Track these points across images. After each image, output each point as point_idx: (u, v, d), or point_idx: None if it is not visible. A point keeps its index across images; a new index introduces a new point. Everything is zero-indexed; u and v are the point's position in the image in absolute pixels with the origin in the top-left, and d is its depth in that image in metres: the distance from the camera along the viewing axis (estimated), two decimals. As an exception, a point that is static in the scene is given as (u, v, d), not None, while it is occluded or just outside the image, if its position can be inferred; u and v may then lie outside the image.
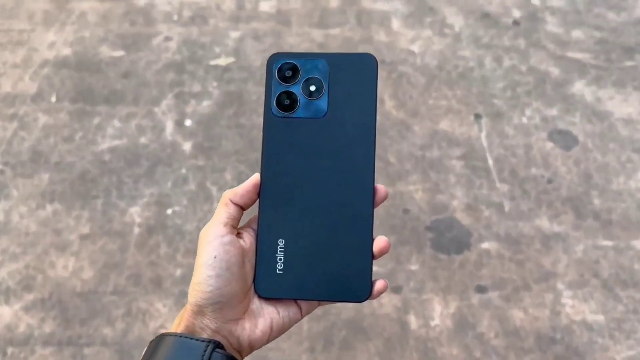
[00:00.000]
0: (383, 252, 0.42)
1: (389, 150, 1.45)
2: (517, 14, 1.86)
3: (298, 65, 0.44)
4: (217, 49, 1.75)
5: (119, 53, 1.73)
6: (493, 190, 1.36)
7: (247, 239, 0.43)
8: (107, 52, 1.74)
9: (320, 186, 0.43)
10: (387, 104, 1.57)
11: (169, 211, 1.32)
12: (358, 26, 1.84)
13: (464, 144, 1.46)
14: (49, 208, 1.34)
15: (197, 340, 0.38)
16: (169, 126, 1.52)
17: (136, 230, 1.29)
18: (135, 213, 1.32)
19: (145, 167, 1.42)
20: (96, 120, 1.53)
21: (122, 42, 1.77)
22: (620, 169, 1.40)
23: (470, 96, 1.59)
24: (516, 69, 1.67)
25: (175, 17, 1.86)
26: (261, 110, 1.34)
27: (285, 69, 0.44)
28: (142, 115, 1.54)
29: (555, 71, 1.66)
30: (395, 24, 1.83)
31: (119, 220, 1.31)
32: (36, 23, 1.84)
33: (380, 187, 0.43)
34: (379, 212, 1.32)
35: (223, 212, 0.42)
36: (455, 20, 1.84)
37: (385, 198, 0.44)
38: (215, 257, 0.39)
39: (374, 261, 0.43)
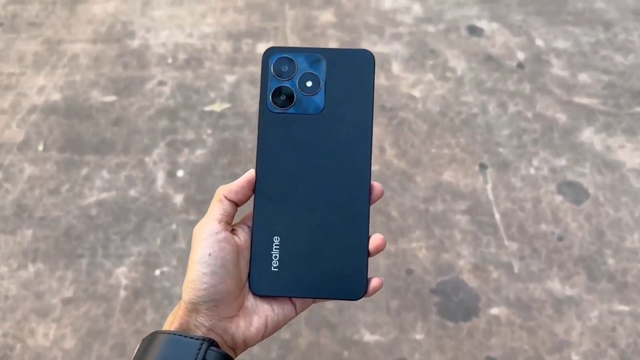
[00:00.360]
0: (379, 250, 0.42)
1: (390, 204, 1.38)
2: (521, 56, 1.81)
3: (294, 60, 0.43)
4: (212, 94, 1.69)
5: (111, 98, 1.67)
6: (501, 248, 1.29)
7: (242, 236, 0.42)
8: (98, 97, 1.68)
9: (316, 183, 0.42)
10: (387, 153, 1.51)
11: (157, 272, 1.25)
12: (357, 69, 1.78)
13: (469, 196, 1.40)
14: (31, 268, 1.26)
15: (192, 338, 0.37)
16: (160, 177, 1.45)
17: (122, 293, 1.21)
18: (122, 274, 1.24)
19: (133, 222, 1.35)
20: (84, 171, 1.46)
21: (114, 86, 1.71)
22: (635, 225, 1.33)
23: (474, 144, 1.53)
24: (522, 115, 1.61)
25: (170, 60, 1.81)
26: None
27: (281, 64, 0.43)
28: (133, 166, 1.48)
29: (562, 117, 1.60)
30: (396, 67, 1.78)
31: (104, 283, 1.23)
32: (26, 66, 1.79)
33: (376, 185, 0.43)
34: (381, 270, 1.24)
35: (217, 208, 0.41)
36: (458, 63, 1.79)
37: (381, 196, 0.43)
38: (209, 255, 0.39)
39: (369, 259, 0.42)
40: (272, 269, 0.42)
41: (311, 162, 0.43)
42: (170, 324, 0.40)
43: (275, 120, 0.43)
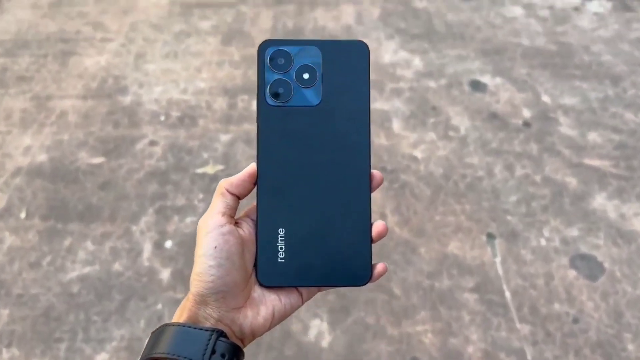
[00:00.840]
0: (381, 236, 0.43)
1: (393, 279, 1.29)
2: (527, 113, 1.75)
3: (290, 53, 0.43)
4: (205, 155, 1.62)
5: (99, 160, 1.60)
6: (513, 332, 1.19)
7: (246, 229, 0.43)
8: (86, 158, 1.60)
9: (318, 174, 0.43)
10: (389, 220, 1.42)
11: (141, 360, 1.15)
12: (357, 127, 1.71)
13: (477, 271, 1.31)
14: (6, 354, 1.16)
15: (201, 329, 0.38)
16: (147, 249, 1.36)
17: (101, 385, 1.11)
18: (102, 362, 1.15)
19: (117, 301, 1.26)
20: (67, 242, 1.38)
21: (103, 146, 1.64)
22: (656, 305, 1.24)
23: (480, 211, 1.44)
24: (530, 179, 1.53)
25: (162, 118, 1.74)
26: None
27: (277, 57, 0.43)
28: (118, 235, 1.39)
29: (572, 182, 1.52)
30: (396, 125, 1.71)
31: (83, 373, 1.13)
32: (13, 124, 1.72)
33: (376, 173, 0.43)
34: (383, 358, 1.14)
35: (220, 201, 0.41)
36: (461, 121, 1.72)
37: (381, 183, 0.44)
38: (215, 248, 0.39)
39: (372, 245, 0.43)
40: (279, 260, 0.42)
41: (311, 154, 0.43)
42: (179, 316, 0.40)
43: (274, 113, 0.43)
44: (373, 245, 0.43)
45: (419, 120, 1.73)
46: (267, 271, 0.43)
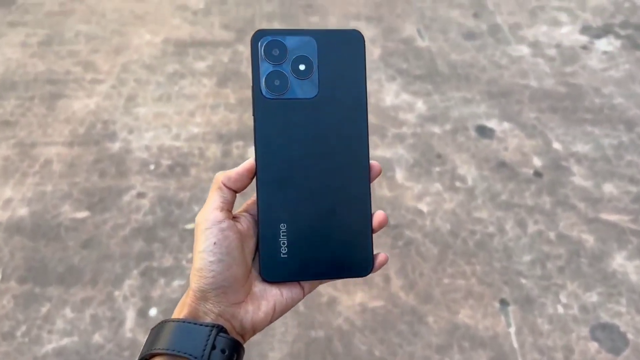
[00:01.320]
0: (382, 226, 0.43)
1: (398, 354, 1.18)
2: (537, 162, 1.65)
3: (285, 43, 0.42)
4: (196, 208, 1.52)
5: (83, 214, 1.50)
6: (531, 417, 1.08)
7: (244, 223, 0.42)
8: (69, 212, 1.50)
9: (317, 167, 0.42)
10: (393, 284, 1.32)
11: None
12: (358, 177, 1.62)
13: (490, 344, 1.19)
14: None
15: (201, 325, 0.38)
16: (130, 317, 1.25)
17: None
18: None
19: (95, 380, 1.14)
20: (45, 308, 1.27)
21: (88, 199, 1.54)
22: (688, 385, 1.12)
23: (492, 273, 1.34)
24: (544, 236, 1.43)
25: (152, 167, 1.65)
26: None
27: (271, 47, 0.42)
28: (100, 301, 1.28)
29: (589, 240, 1.42)
30: (400, 174, 1.61)
31: None
32: (-6, 174, 1.62)
33: (374, 163, 0.44)
34: None
35: (217, 196, 0.41)
36: (468, 170, 1.62)
37: (379, 173, 0.44)
38: (214, 244, 0.39)
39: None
40: (282, 256, 0.42)
41: (310, 147, 0.42)
42: (179, 312, 0.40)
43: (271, 106, 0.42)
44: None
45: (424, 169, 1.63)
46: (270, 267, 0.42)
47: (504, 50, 2.16)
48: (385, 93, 1.94)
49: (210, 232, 0.40)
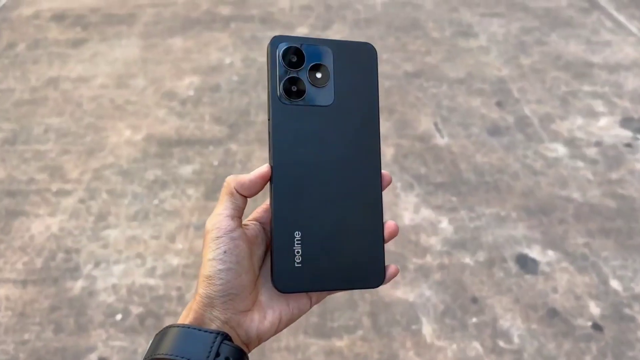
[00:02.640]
0: (393, 236, 0.44)
1: None
2: (595, 309, 1.34)
3: (303, 51, 0.43)
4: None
5: (26, 393, 1.17)
6: None
7: (253, 231, 0.42)
8: (9, 389, 1.18)
9: (332, 175, 0.42)
10: None
11: None
12: (374, 331, 1.30)
13: None
14: None
15: (205, 331, 0.38)
16: None
17: None
18: None
19: None
20: None
21: (35, 369, 1.22)
22: None
23: None
24: None
25: (119, 317, 1.33)
26: None
27: (289, 54, 0.42)
28: None
29: None
30: (428, 328, 1.30)
31: None
32: None
33: (386, 173, 0.44)
34: None
35: (229, 203, 0.41)
36: (512, 322, 1.31)
37: (389, 183, 0.44)
38: (225, 252, 0.39)
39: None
40: (296, 265, 0.41)
41: (325, 154, 0.42)
42: (185, 316, 0.40)
43: (288, 111, 0.42)
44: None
45: (458, 321, 1.32)
46: (284, 276, 0.41)
47: (537, 149, 1.87)
48: (402, 207, 1.64)
49: (222, 240, 0.39)
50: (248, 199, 0.42)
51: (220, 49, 2.50)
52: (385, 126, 1.99)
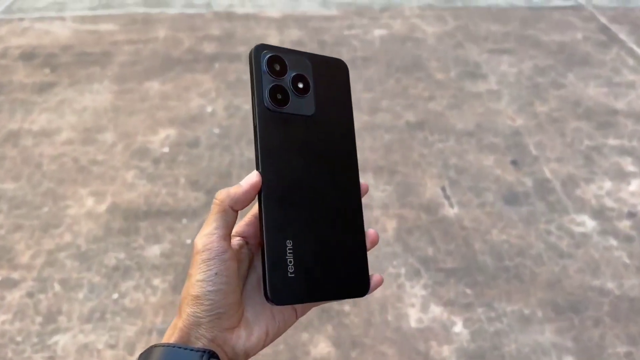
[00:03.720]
0: (374, 244, 0.44)
1: None
2: None
3: (285, 60, 0.43)
4: None
5: None
6: None
7: (238, 246, 0.42)
8: None
9: (316, 186, 0.42)
10: None
11: None
12: None
13: None
14: None
15: (192, 350, 0.37)
16: None
17: None
18: None
19: None
20: None
21: None
22: None
23: None
24: None
25: None
26: None
27: (273, 62, 0.43)
28: None
29: None
30: None
31: None
32: None
33: (363, 183, 0.45)
34: None
35: (222, 221, 0.40)
36: None
37: (366, 192, 0.45)
38: (216, 274, 0.39)
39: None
40: (289, 275, 0.40)
41: (309, 164, 0.42)
42: (170, 335, 0.39)
43: (273, 118, 0.42)
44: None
45: None
46: (278, 288, 0.39)
47: (561, 223, 1.62)
48: (407, 302, 1.38)
49: (213, 262, 0.38)
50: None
51: (202, 95, 2.25)
52: (386, 191, 1.73)
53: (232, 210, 0.40)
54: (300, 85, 0.43)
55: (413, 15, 2.90)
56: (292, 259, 0.40)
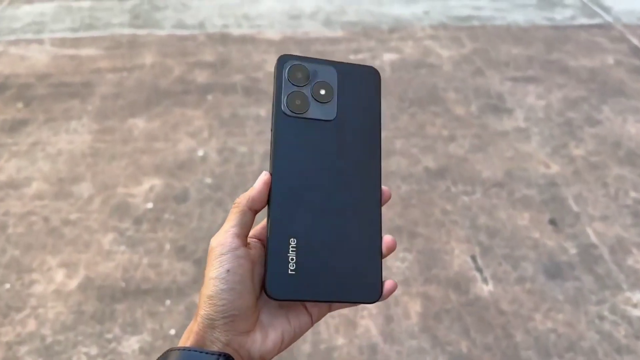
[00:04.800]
0: (391, 251, 0.43)
1: None
2: None
3: (308, 69, 0.45)
4: None
5: None
6: None
7: (254, 249, 0.42)
8: None
9: (331, 187, 0.43)
10: None
11: None
12: None
13: None
14: None
15: (207, 353, 0.37)
16: None
17: None
18: None
19: None
20: None
21: None
22: None
23: None
24: None
25: None
26: None
27: (295, 71, 0.44)
28: None
29: None
30: None
31: None
32: None
33: (385, 189, 0.44)
34: None
35: (238, 220, 0.41)
36: None
37: (389, 198, 0.45)
38: (228, 271, 0.39)
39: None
40: (289, 272, 0.41)
41: (325, 166, 0.43)
42: (186, 339, 0.39)
43: (290, 123, 0.43)
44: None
45: None
46: (276, 283, 0.40)
47: (615, 304, 1.37)
48: (438, 418, 1.13)
49: (225, 258, 0.39)
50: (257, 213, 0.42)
51: (192, 134, 2.00)
52: (406, 261, 1.48)
53: (250, 211, 0.41)
54: (322, 92, 0.44)
55: (425, 37, 2.64)
56: (294, 257, 0.41)
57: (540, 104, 2.14)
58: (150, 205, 1.69)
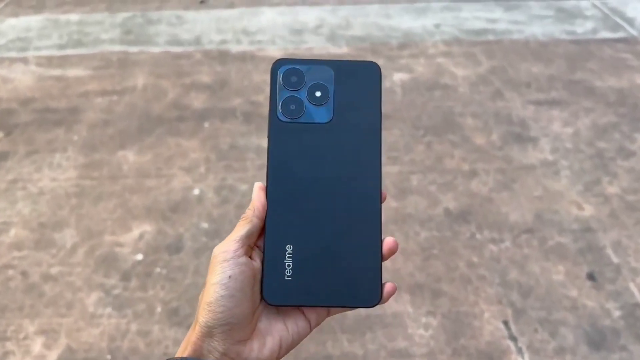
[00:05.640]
0: (392, 253, 0.43)
1: None
2: None
3: (303, 71, 0.44)
4: None
5: None
6: None
7: (257, 259, 0.42)
8: None
9: (328, 191, 0.42)
10: None
11: None
12: None
13: None
14: None
15: None
16: None
17: None
18: None
19: None
20: None
21: None
22: None
23: None
24: None
25: None
26: None
27: (290, 75, 0.44)
28: None
29: None
30: None
31: None
32: None
33: (383, 193, 0.44)
34: None
35: (245, 229, 0.41)
36: None
37: (384, 200, 0.44)
38: (229, 277, 0.39)
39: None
40: (286, 278, 0.41)
41: (322, 170, 0.42)
42: (183, 349, 0.39)
43: (285, 128, 0.43)
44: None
45: None
46: (273, 289, 0.41)
47: (673, 383, 1.19)
48: None
49: (228, 264, 0.39)
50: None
51: (188, 169, 1.82)
52: (430, 328, 1.30)
53: (257, 220, 0.41)
54: (318, 94, 0.43)
55: (438, 53, 2.46)
56: (290, 263, 0.41)
57: (568, 131, 1.96)
58: (140, 257, 1.51)
